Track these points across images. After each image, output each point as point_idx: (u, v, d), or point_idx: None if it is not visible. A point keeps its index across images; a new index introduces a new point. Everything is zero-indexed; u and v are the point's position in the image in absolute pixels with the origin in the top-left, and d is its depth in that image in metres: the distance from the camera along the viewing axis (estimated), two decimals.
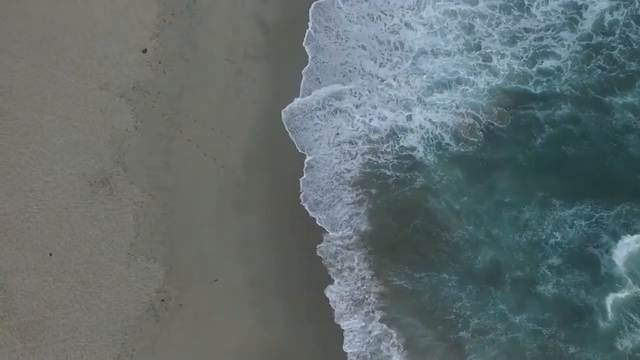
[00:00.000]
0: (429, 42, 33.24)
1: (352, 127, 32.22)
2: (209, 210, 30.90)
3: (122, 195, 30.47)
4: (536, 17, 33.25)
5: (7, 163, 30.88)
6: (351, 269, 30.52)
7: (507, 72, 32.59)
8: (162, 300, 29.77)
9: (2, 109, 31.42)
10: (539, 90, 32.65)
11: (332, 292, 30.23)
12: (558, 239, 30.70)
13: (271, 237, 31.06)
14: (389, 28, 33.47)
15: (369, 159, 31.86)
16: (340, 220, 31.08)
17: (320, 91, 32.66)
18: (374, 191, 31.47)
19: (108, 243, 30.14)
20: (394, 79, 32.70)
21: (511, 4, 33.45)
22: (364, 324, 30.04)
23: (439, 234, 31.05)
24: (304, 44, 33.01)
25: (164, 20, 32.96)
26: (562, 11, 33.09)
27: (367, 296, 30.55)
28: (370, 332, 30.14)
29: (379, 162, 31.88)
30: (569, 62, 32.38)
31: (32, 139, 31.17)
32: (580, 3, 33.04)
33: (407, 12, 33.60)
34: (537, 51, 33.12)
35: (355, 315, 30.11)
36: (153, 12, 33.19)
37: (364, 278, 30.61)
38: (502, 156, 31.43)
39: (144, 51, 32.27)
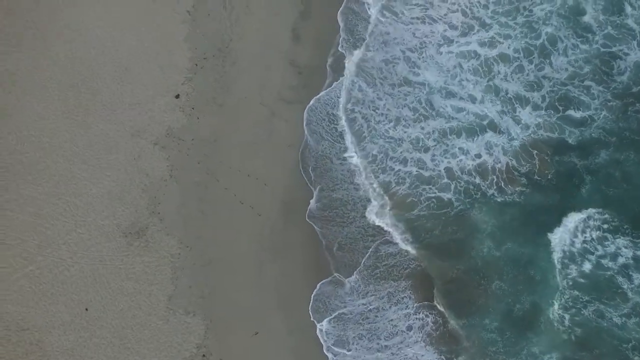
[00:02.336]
0: (455, 89, 33.06)
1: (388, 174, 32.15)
2: (247, 260, 30.64)
3: (158, 246, 30.13)
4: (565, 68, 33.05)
5: (38, 215, 30.51)
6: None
7: (539, 122, 32.31)
8: (203, 355, 29.40)
9: (32, 158, 31.13)
10: (574, 139, 32.21)
11: None
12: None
13: (310, 284, 30.62)
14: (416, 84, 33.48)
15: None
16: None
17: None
18: (417, 237, 31.04)
19: (145, 297, 29.75)
20: (423, 131, 32.57)
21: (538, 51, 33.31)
22: None
23: (482, 280, 30.63)
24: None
25: (196, 65, 32.79)
26: (592, 60, 32.64)
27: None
28: None
29: (419, 213, 31.42)
30: (603, 111, 32.28)
31: (64, 189, 30.91)
32: (612, 51, 32.70)
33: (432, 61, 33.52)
34: (566, 99, 33.36)
35: None
36: (185, 56, 33.05)
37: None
38: (544, 203, 31.02)
39: (177, 96, 32.09)
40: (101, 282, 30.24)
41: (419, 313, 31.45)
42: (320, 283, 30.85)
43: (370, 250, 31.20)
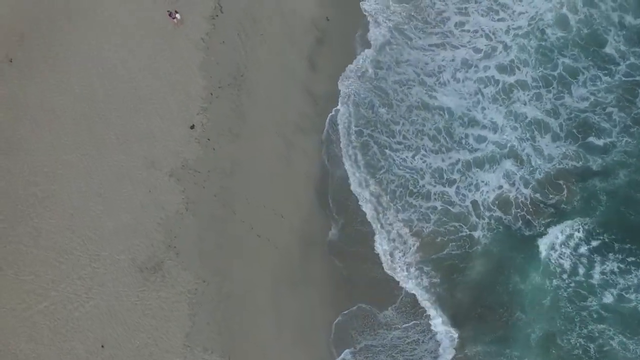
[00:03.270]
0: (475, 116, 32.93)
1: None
2: (265, 294, 30.39)
3: (175, 282, 29.82)
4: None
5: (53, 249, 30.25)
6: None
7: (561, 151, 32.15)
8: None
9: (46, 191, 31.02)
10: (596, 165, 32.32)
11: None
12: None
13: (330, 317, 30.32)
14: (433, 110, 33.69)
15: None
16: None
17: None
18: (440, 272, 30.80)
19: (162, 333, 29.41)
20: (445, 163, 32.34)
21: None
22: None
23: (506, 311, 30.98)
24: None
25: (211, 94, 32.57)
26: (614, 90, 32.62)
27: None
28: None
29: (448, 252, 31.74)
30: (624, 137, 32.79)
31: (78, 223, 30.69)
32: (636, 79, 32.61)
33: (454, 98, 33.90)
34: (587, 126, 33.60)
35: None
36: (199, 84, 32.92)
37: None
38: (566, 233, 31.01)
39: (192, 127, 31.87)
40: (117, 318, 29.87)
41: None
42: (342, 313, 30.39)
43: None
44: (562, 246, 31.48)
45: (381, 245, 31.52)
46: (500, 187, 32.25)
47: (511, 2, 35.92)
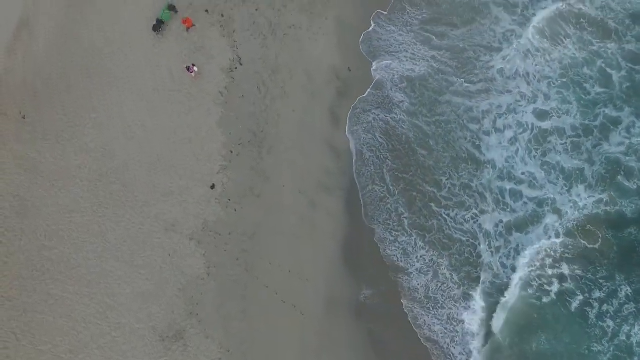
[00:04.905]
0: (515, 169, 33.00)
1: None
2: None
3: (197, 351, 29.29)
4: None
5: (70, 317, 29.68)
6: None
7: (597, 198, 32.00)
8: None
9: (62, 255, 30.53)
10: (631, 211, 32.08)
11: None
12: None
13: None
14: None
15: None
16: None
17: None
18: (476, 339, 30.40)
19: None
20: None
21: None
22: None
23: None
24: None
25: (231, 151, 31.91)
26: None
27: None
28: None
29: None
30: None
31: (96, 289, 30.17)
32: None
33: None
34: (621, 169, 33.49)
35: None
36: (219, 141, 32.30)
37: None
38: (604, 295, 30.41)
39: (212, 187, 31.22)
40: None
41: None
42: None
43: None
44: (604, 305, 30.67)
45: (427, 324, 30.72)
46: (541, 245, 31.55)
47: (557, 54, 35.97)
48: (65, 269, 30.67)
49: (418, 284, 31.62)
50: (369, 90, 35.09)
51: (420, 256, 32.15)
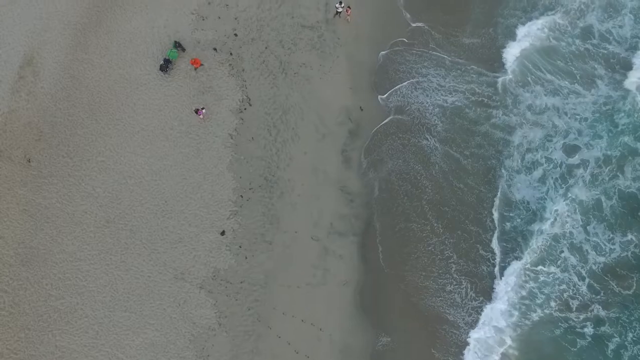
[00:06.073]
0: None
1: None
2: None
3: None
4: None
5: None
6: None
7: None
8: None
9: (69, 305, 30.03)
10: None
11: None
12: None
13: None
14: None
15: None
16: None
17: None
18: None
19: None
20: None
21: None
22: None
23: None
24: None
25: (241, 196, 31.43)
26: None
27: None
28: None
29: None
30: None
31: (104, 340, 29.94)
32: None
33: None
34: None
35: None
36: (229, 186, 31.87)
37: None
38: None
39: (222, 233, 30.73)
40: None
41: None
42: None
43: None
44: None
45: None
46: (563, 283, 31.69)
47: (581, 88, 36.09)
48: (72, 320, 30.22)
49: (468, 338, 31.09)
50: (391, 117, 34.86)
51: (472, 307, 31.65)
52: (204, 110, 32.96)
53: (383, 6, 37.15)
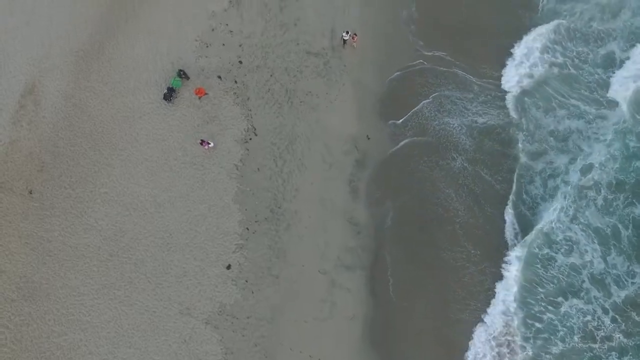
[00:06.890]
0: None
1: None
2: None
3: None
4: None
5: None
6: None
7: None
8: None
9: (72, 342, 30.09)
10: None
11: None
12: None
13: None
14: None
15: None
16: None
17: None
18: None
19: None
20: None
21: None
22: None
23: None
24: None
25: (247, 229, 31.09)
26: None
27: None
28: None
29: None
30: None
31: None
32: None
33: None
34: None
35: None
36: (234, 219, 31.56)
37: None
38: None
39: (228, 267, 30.44)
40: None
41: None
42: None
43: None
44: None
45: None
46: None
47: (596, 112, 35.66)
48: (75, 356, 29.91)
49: None
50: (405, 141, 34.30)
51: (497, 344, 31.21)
52: (210, 145, 32.48)
53: (389, 33, 36.81)
